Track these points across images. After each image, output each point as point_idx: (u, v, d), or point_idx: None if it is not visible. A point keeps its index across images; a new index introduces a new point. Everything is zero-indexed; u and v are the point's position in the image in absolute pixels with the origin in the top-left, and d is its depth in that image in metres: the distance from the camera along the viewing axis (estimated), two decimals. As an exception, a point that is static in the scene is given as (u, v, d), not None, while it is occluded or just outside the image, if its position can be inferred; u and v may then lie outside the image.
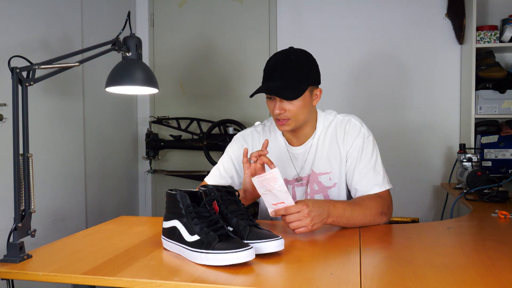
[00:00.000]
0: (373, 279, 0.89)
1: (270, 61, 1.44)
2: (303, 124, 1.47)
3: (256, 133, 1.61)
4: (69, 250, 1.12)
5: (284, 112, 1.39)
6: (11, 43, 1.98)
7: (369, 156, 1.46)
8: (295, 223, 1.20)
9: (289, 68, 1.39)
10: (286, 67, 1.39)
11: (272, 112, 1.42)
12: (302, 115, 1.42)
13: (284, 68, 1.39)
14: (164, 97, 3.14)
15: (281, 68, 1.39)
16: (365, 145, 1.47)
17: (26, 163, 1.07)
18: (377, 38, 2.86)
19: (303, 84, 1.39)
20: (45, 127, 2.21)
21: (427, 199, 2.83)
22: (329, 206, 1.25)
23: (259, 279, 0.91)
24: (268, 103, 1.44)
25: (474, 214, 1.58)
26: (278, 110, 1.38)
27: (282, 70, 1.39)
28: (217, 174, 1.58)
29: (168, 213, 1.10)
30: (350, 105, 2.88)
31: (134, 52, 1.44)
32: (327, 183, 1.50)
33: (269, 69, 1.43)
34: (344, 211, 1.28)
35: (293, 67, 1.39)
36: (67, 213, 2.37)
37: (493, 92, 2.50)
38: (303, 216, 1.19)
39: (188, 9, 3.14)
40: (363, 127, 1.50)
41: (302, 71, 1.39)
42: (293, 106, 1.38)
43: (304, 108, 1.41)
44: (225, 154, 1.60)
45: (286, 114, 1.39)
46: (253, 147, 1.57)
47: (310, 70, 1.42)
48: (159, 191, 3.23)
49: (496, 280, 0.87)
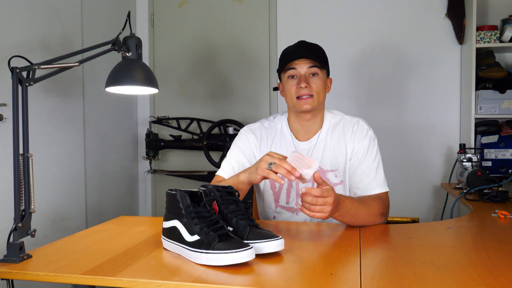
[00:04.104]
0: (373, 279, 0.89)
1: (290, 46, 1.53)
2: (318, 110, 1.53)
3: (264, 128, 1.62)
4: (69, 250, 1.12)
5: (310, 87, 1.45)
6: (11, 43, 1.98)
7: (373, 158, 1.50)
8: (318, 207, 1.17)
9: (314, 46, 1.52)
10: (311, 45, 1.52)
11: (295, 90, 1.47)
12: (321, 95, 1.49)
13: (310, 45, 1.52)
14: (164, 97, 3.14)
15: (306, 46, 1.51)
16: (371, 147, 1.51)
17: (26, 163, 1.07)
18: (377, 38, 2.86)
19: (326, 62, 1.51)
20: (45, 127, 2.21)
21: (427, 199, 2.83)
22: (340, 200, 1.25)
23: (259, 279, 0.91)
24: (290, 83, 1.48)
25: (474, 214, 1.58)
26: (304, 83, 1.44)
27: (307, 47, 1.51)
28: (229, 167, 1.57)
29: (168, 213, 1.10)
30: (350, 105, 2.88)
31: (134, 52, 1.44)
32: (333, 180, 1.52)
33: (293, 48, 1.51)
34: (351, 207, 1.29)
35: (316, 47, 1.53)
36: (67, 213, 2.37)
37: (493, 92, 2.50)
38: (329, 203, 1.17)
39: (188, 9, 3.14)
40: (370, 130, 1.55)
41: (323, 52, 1.53)
42: (317, 82, 1.47)
43: (323, 89, 1.50)
44: (234, 146, 1.61)
45: (310, 89, 1.45)
46: (261, 141, 1.59)
47: (326, 56, 1.55)
48: (159, 191, 3.23)
49: (496, 280, 0.87)
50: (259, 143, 1.58)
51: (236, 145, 1.60)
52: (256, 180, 1.30)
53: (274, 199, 1.58)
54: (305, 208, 1.19)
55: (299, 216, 1.55)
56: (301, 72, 1.46)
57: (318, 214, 1.18)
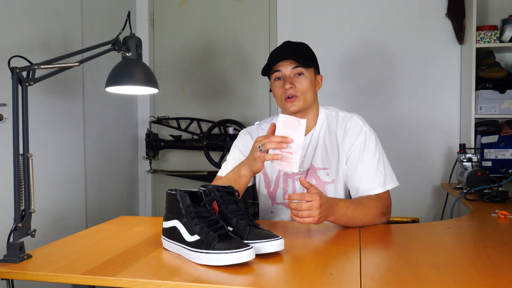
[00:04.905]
0: (373, 279, 0.89)
1: (276, 48, 1.56)
2: (308, 108, 1.53)
3: (261, 130, 1.66)
4: (69, 250, 1.12)
5: (294, 87, 1.47)
6: (11, 43, 1.98)
7: (371, 155, 1.46)
8: (305, 212, 1.16)
9: (298, 46, 1.54)
10: (295, 45, 1.54)
11: (281, 91, 1.49)
12: (309, 94, 1.50)
13: (293, 45, 1.54)
14: (164, 97, 3.14)
15: (290, 46, 1.53)
16: (367, 143, 1.47)
17: (26, 163, 1.07)
18: (377, 38, 2.86)
19: (312, 60, 1.53)
20: (45, 127, 2.21)
21: (427, 199, 2.83)
22: (333, 203, 1.24)
23: (259, 279, 0.91)
24: (276, 85, 1.51)
25: (474, 214, 1.58)
26: (289, 84, 1.46)
27: (291, 46, 1.53)
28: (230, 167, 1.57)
29: (168, 213, 1.10)
30: (349, 105, 2.88)
31: (134, 52, 1.44)
32: (324, 178, 1.51)
33: (277, 50, 1.53)
34: (347, 210, 1.27)
35: (301, 46, 1.55)
36: (67, 213, 2.37)
37: (493, 92, 2.50)
38: (315, 207, 1.16)
39: (188, 9, 3.14)
40: (365, 125, 1.51)
41: (308, 51, 1.55)
42: (303, 82, 1.48)
43: (311, 88, 1.50)
44: (234, 148, 1.63)
45: (295, 90, 1.47)
46: None
47: (313, 54, 1.56)
48: (159, 191, 3.23)
49: (496, 280, 0.87)
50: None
51: (236, 147, 1.63)
52: (258, 168, 1.33)
53: (270, 197, 1.59)
54: (293, 215, 1.18)
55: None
56: (286, 73, 1.48)
57: (307, 220, 1.17)
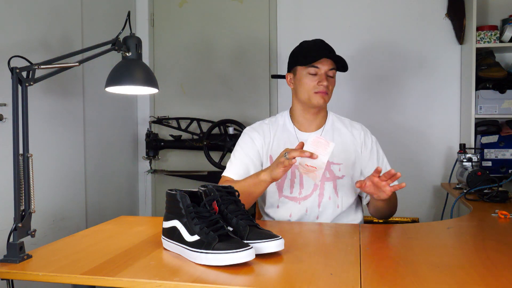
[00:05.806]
0: (373, 279, 0.89)
1: (310, 43, 1.62)
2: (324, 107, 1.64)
3: (265, 124, 1.68)
4: (69, 250, 1.12)
5: (327, 85, 1.56)
6: (11, 43, 1.98)
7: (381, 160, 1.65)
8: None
9: (333, 49, 1.61)
10: (330, 47, 1.61)
11: (313, 85, 1.55)
12: (332, 94, 1.62)
13: (330, 48, 1.61)
14: (164, 97, 3.14)
15: (328, 46, 1.61)
16: (377, 146, 1.66)
17: (26, 163, 1.07)
18: (377, 38, 2.85)
19: (344, 67, 1.60)
20: (45, 127, 2.21)
21: (427, 199, 2.83)
22: None
23: (259, 279, 0.91)
24: (310, 78, 1.56)
25: (474, 214, 1.58)
26: (326, 82, 1.55)
27: (329, 46, 1.61)
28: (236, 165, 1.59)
29: (168, 213, 1.10)
30: (349, 104, 2.88)
31: (134, 52, 1.44)
32: (337, 173, 1.59)
33: (316, 47, 1.59)
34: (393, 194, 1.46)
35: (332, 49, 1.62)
36: (67, 213, 2.37)
37: (493, 92, 2.50)
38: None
39: (188, 9, 3.14)
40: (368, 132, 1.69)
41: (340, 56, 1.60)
42: (333, 83, 1.60)
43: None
44: (238, 147, 1.64)
45: (328, 87, 1.57)
46: (264, 135, 1.64)
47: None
48: (159, 191, 3.23)
49: (496, 280, 0.87)
50: (263, 137, 1.63)
51: (240, 146, 1.64)
52: (278, 175, 1.34)
53: (278, 189, 1.59)
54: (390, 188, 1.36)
55: (302, 206, 1.57)
56: (322, 71, 1.55)
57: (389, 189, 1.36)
